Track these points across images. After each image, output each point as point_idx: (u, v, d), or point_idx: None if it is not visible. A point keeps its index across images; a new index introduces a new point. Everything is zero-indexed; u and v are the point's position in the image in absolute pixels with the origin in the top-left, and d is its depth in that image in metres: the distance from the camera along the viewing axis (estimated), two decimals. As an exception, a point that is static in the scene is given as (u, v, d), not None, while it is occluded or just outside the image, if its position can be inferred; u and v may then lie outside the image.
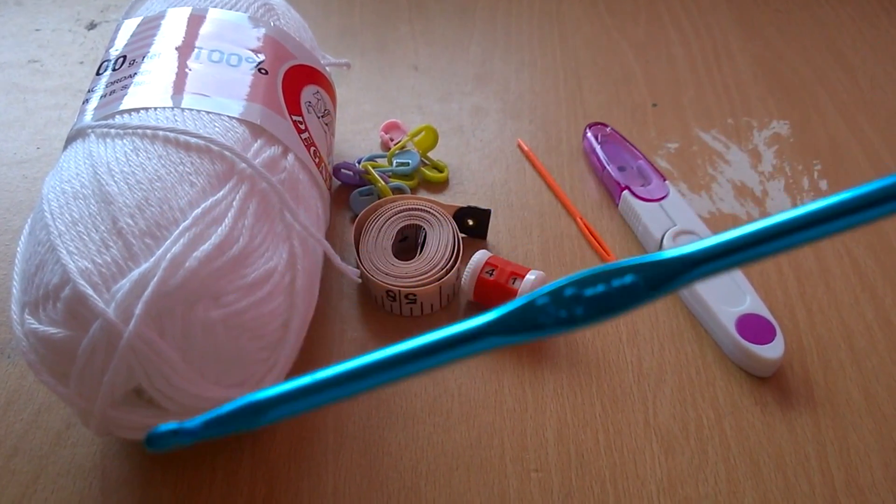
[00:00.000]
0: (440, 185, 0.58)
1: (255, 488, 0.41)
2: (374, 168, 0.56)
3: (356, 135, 0.62)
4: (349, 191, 0.57)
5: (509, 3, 0.76)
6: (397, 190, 0.56)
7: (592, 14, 0.74)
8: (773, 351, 0.45)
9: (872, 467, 0.42)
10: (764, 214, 0.55)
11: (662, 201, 0.53)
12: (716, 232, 0.51)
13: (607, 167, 0.56)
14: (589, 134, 0.59)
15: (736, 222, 0.55)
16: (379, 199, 0.55)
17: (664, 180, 0.55)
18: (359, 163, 0.57)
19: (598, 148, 0.58)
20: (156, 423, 0.37)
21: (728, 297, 0.47)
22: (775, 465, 0.42)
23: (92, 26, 0.73)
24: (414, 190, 0.57)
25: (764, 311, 0.47)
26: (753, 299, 0.47)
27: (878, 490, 0.41)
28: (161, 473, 0.42)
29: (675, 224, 0.51)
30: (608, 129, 0.59)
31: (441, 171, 0.58)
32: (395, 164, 0.58)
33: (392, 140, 0.61)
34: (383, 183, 0.56)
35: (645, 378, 0.46)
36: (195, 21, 0.48)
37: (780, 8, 0.75)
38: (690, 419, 0.44)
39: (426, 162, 0.59)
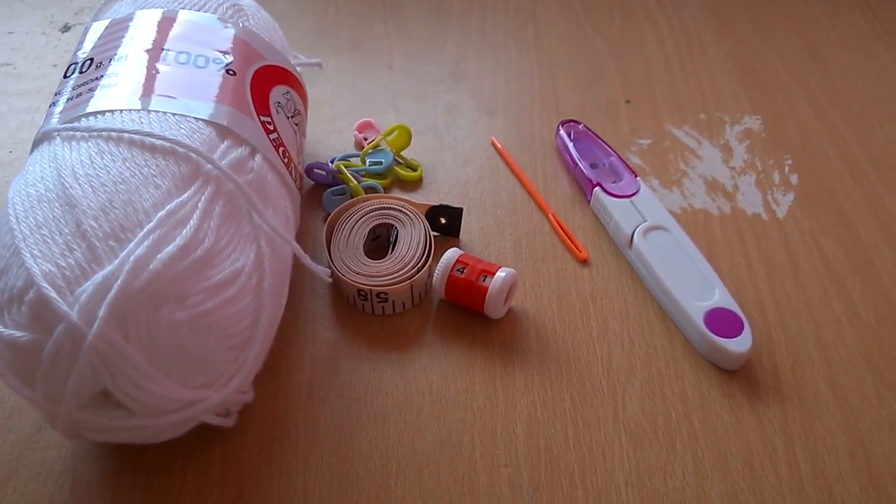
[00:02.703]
0: (414, 184, 0.58)
1: (226, 489, 0.41)
2: (346, 167, 0.57)
3: (330, 134, 0.62)
4: (322, 190, 0.57)
5: (484, 1, 0.76)
6: (370, 189, 0.56)
7: (567, 11, 0.75)
8: (741, 344, 0.45)
9: (839, 458, 0.42)
10: (735, 209, 0.55)
11: (633, 197, 0.53)
12: (686, 227, 0.51)
13: (579, 164, 0.56)
14: (561, 131, 0.60)
15: (707, 217, 0.55)
16: (351, 198, 0.55)
17: (635, 176, 0.55)
18: (332, 162, 0.57)
19: (570, 145, 0.58)
20: (124, 426, 0.37)
21: (697, 291, 0.48)
22: (743, 457, 0.43)
23: (66, 29, 0.73)
24: (387, 189, 0.58)
25: (733, 305, 0.47)
26: (722, 293, 0.48)
27: (844, 480, 0.42)
28: (132, 475, 0.42)
29: (645, 220, 0.52)
30: (580, 127, 0.60)
31: (415, 170, 0.59)
32: (368, 163, 0.58)
33: (366, 139, 0.61)
34: (356, 182, 0.56)
35: (615, 373, 0.46)
36: (163, 23, 0.48)
37: (754, 3, 0.76)
38: (659, 413, 0.44)
39: (400, 161, 0.59)
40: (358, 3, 0.76)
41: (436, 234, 0.53)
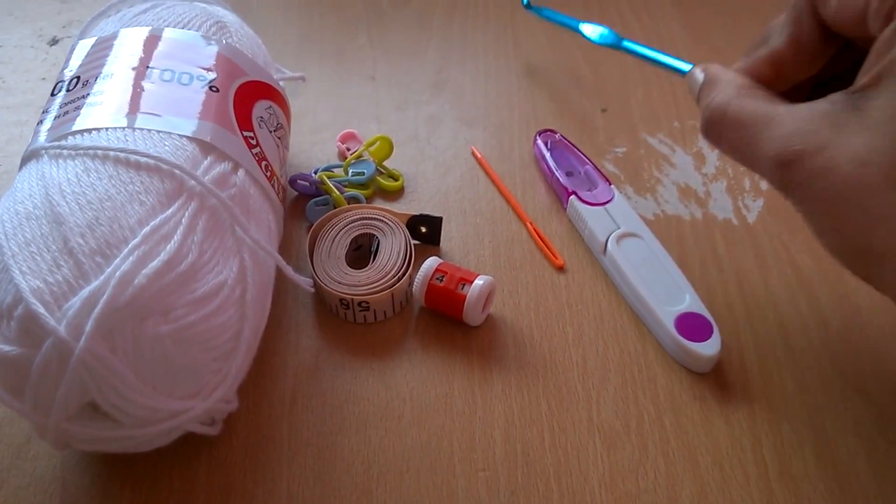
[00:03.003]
0: (395, 194, 0.60)
1: (212, 496, 0.43)
2: (329, 178, 0.58)
3: (313, 145, 0.63)
4: (306, 201, 0.58)
5: (466, 10, 0.77)
6: (353, 199, 0.58)
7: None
8: (710, 348, 0.47)
9: (805, 457, 0.44)
10: (706, 215, 0.57)
11: (607, 205, 0.55)
12: (659, 233, 0.53)
13: (556, 173, 0.58)
14: (539, 141, 0.61)
15: (679, 223, 0.56)
16: (334, 208, 0.56)
17: (610, 184, 0.56)
18: (315, 173, 0.59)
19: (547, 154, 0.59)
20: (112, 436, 0.39)
21: (668, 296, 0.49)
22: (712, 457, 0.44)
23: (54, 42, 0.74)
24: (369, 199, 0.59)
25: (702, 310, 0.49)
26: (692, 298, 0.49)
27: (811, 478, 0.43)
28: (119, 485, 0.43)
29: (619, 227, 0.53)
30: (557, 136, 0.61)
31: (396, 180, 0.60)
32: (350, 173, 0.59)
33: (348, 150, 0.62)
34: (338, 193, 0.57)
35: (589, 377, 0.48)
36: (148, 41, 0.49)
37: (727, 10, 0.77)
38: (632, 416, 0.46)
39: (382, 171, 0.61)
40: (341, 13, 0.77)
41: (416, 242, 0.55)
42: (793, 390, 0.47)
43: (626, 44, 0.56)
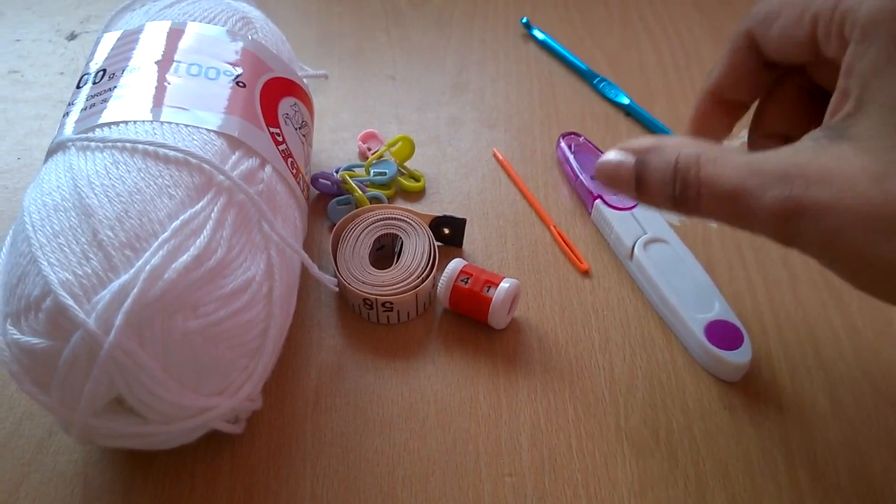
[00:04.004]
0: (417, 195, 0.59)
1: (235, 495, 0.42)
2: (351, 178, 0.57)
3: (334, 144, 0.63)
4: (327, 200, 0.57)
5: (485, 12, 0.77)
6: (374, 199, 0.57)
7: (566, 22, 0.75)
8: (740, 356, 0.46)
9: (838, 470, 0.43)
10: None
11: (634, 210, 0.54)
12: (686, 239, 0.52)
13: (580, 176, 0.57)
14: (562, 143, 0.60)
15: (706, 229, 0.56)
16: (356, 208, 0.56)
17: (636, 189, 0.56)
18: (336, 172, 0.58)
19: (571, 157, 0.59)
20: (137, 432, 0.38)
21: (697, 303, 0.49)
22: (743, 467, 0.43)
23: (72, 37, 0.73)
24: (391, 199, 0.58)
25: (732, 318, 0.48)
26: (722, 306, 0.48)
27: (844, 492, 0.42)
28: (142, 481, 0.42)
29: (645, 232, 0.53)
30: (581, 139, 0.60)
31: (418, 181, 0.59)
32: (372, 173, 0.59)
33: (369, 150, 0.62)
34: (360, 192, 0.56)
35: (617, 384, 0.47)
36: (174, 35, 0.48)
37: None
38: (661, 424, 0.45)
39: (403, 171, 0.60)
40: (361, 13, 0.77)
41: (439, 244, 0.54)
42: (824, 402, 0.46)
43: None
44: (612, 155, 0.37)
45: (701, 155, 0.34)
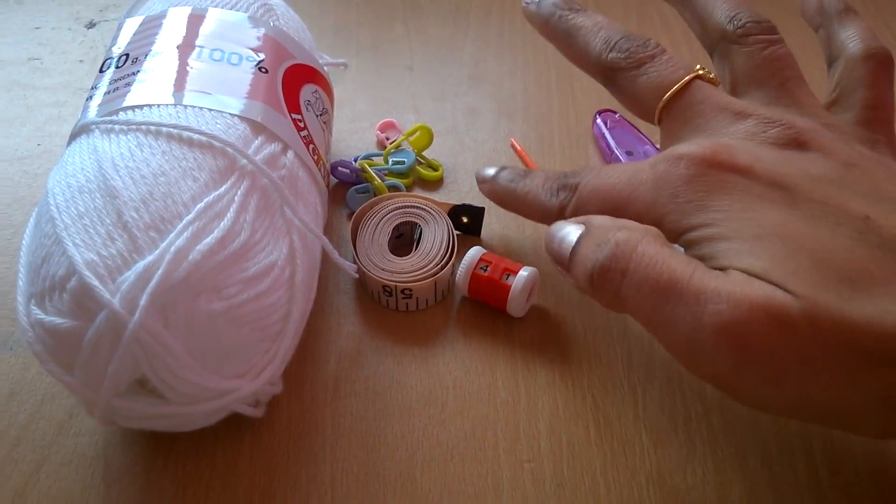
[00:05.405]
0: (435, 184, 0.59)
1: (255, 478, 0.42)
2: (370, 166, 0.57)
3: (352, 133, 0.63)
4: (346, 188, 0.58)
5: (503, 3, 0.77)
6: (393, 188, 0.57)
7: (585, 16, 0.75)
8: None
9: (856, 461, 0.43)
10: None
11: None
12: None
13: (615, 152, 0.57)
14: (598, 120, 0.61)
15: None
16: (375, 196, 0.56)
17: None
18: (355, 161, 0.58)
19: (607, 133, 0.59)
20: (159, 413, 0.38)
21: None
22: (762, 457, 0.43)
23: (91, 25, 0.74)
24: (409, 188, 0.58)
25: (751, 308, 0.48)
26: (741, 296, 0.48)
27: (863, 484, 0.42)
28: (163, 462, 0.43)
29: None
30: (617, 116, 0.61)
31: (436, 170, 0.59)
32: (390, 162, 0.59)
33: (388, 139, 0.62)
34: (379, 181, 0.57)
35: (635, 372, 0.47)
36: (196, 20, 0.48)
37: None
38: (679, 412, 0.45)
39: (421, 161, 0.60)
40: (378, 4, 0.77)
41: (457, 232, 0.54)
42: (842, 391, 0.46)
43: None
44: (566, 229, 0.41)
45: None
